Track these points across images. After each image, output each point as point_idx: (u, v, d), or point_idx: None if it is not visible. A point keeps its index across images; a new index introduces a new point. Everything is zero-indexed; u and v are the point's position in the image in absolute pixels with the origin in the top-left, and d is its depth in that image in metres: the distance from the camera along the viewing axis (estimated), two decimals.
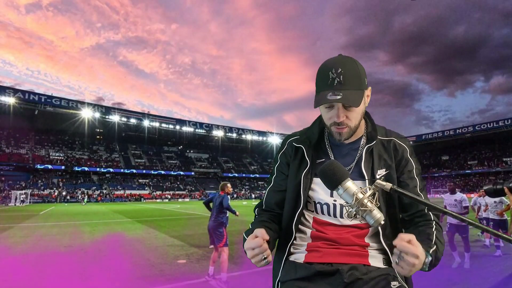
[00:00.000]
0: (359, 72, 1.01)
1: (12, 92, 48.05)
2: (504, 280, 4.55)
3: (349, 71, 0.98)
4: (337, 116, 1.01)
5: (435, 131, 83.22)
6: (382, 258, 1.05)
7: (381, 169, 1.08)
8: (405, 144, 1.13)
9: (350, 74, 0.98)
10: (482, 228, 0.85)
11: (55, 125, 56.85)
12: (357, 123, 1.05)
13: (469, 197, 10.41)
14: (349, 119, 1.03)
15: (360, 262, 1.02)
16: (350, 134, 1.06)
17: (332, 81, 0.98)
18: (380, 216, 0.83)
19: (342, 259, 1.02)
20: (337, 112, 1.01)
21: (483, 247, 7.15)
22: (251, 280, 4.71)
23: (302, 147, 1.15)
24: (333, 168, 0.89)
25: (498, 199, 6.22)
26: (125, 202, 47.18)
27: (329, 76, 0.99)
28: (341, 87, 0.97)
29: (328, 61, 1.02)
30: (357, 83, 0.99)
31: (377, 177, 1.06)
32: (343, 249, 1.04)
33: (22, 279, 4.69)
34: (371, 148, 1.10)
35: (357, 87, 0.99)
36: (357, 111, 1.03)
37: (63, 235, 9.70)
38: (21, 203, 34.20)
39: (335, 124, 1.03)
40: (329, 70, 0.99)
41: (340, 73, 0.97)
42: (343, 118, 1.01)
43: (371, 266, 1.02)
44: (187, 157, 72.57)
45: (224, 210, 4.90)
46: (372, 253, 1.05)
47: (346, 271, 0.98)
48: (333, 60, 1.01)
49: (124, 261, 6.06)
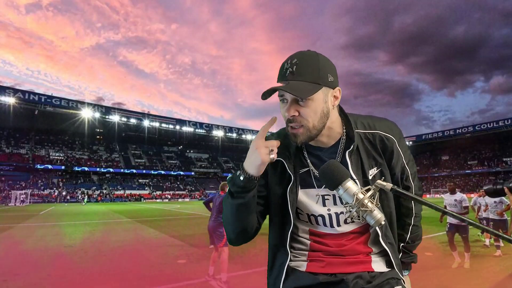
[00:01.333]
0: (319, 65, 0.92)
1: (12, 92, 48.07)
2: (504, 280, 4.55)
3: (305, 62, 0.91)
4: (287, 110, 0.93)
5: (435, 131, 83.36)
6: (384, 261, 1.04)
7: (372, 169, 1.02)
8: (392, 135, 1.05)
9: (306, 65, 0.90)
10: (482, 228, 0.85)
11: (55, 125, 56.86)
12: (315, 124, 0.94)
13: (469, 197, 10.41)
14: (302, 117, 0.92)
15: (364, 269, 1.00)
16: (308, 137, 0.95)
17: (285, 72, 0.91)
18: (380, 217, 0.83)
19: (346, 269, 1.00)
20: (288, 105, 0.93)
21: (483, 247, 7.15)
22: (251, 280, 4.71)
23: (281, 160, 1.03)
24: (333, 168, 0.87)
25: (498, 199, 6.21)
26: (125, 202, 47.17)
27: (283, 67, 0.93)
28: (292, 78, 0.90)
29: (291, 54, 0.95)
30: (313, 75, 0.90)
31: (369, 178, 1.01)
32: (347, 258, 1.01)
33: (22, 279, 4.69)
34: (354, 149, 1.01)
35: (312, 79, 0.90)
36: (313, 108, 0.92)
37: (63, 235, 9.70)
38: (21, 203, 34.19)
39: (289, 122, 0.94)
40: (286, 61, 0.93)
41: (295, 63, 0.91)
42: (294, 113, 0.92)
43: (374, 271, 1.01)
44: (187, 157, 72.57)
45: None
46: (374, 258, 1.04)
47: (351, 281, 0.97)
48: (294, 53, 0.94)
49: (124, 261, 6.06)
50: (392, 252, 1.03)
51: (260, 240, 5.71)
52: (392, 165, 1.06)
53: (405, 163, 1.09)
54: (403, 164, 1.09)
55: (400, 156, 1.07)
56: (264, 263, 5.60)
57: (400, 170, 1.09)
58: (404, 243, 1.16)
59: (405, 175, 1.11)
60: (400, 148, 1.07)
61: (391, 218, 1.08)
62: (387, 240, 1.04)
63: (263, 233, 1.06)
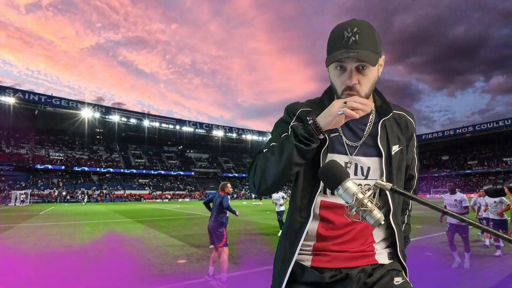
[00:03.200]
0: (375, 36, 0.97)
1: (12, 92, 48.05)
2: (504, 280, 4.55)
3: (366, 31, 0.94)
4: (349, 78, 0.95)
5: (435, 131, 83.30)
6: (387, 253, 1.07)
7: (395, 145, 1.06)
8: (413, 121, 1.14)
9: (367, 35, 0.94)
10: (482, 228, 0.85)
11: (55, 125, 56.87)
12: (368, 92, 0.99)
13: (469, 197, 10.42)
14: (360, 85, 0.97)
15: (368, 263, 1.02)
16: None
17: (347, 40, 0.93)
18: (380, 216, 0.83)
19: (351, 263, 1.01)
20: (350, 74, 0.95)
21: (483, 247, 7.15)
22: (251, 280, 4.71)
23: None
24: (333, 168, 0.88)
25: (498, 199, 6.22)
26: (125, 202, 47.17)
27: (343, 35, 0.94)
28: (357, 47, 0.92)
29: (342, 23, 0.98)
30: (373, 45, 0.95)
31: (392, 154, 1.04)
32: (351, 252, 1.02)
33: (22, 279, 4.69)
34: (385, 122, 1.06)
35: (374, 49, 0.95)
36: (370, 77, 0.98)
37: (63, 235, 9.70)
38: (21, 203, 34.19)
39: (346, 90, 0.97)
40: (345, 30, 0.95)
41: (356, 32, 0.93)
42: (356, 81, 0.95)
43: (377, 264, 1.03)
44: (187, 157, 72.56)
45: (224, 210, 4.90)
46: (378, 250, 1.05)
47: (355, 276, 0.98)
48: (348, 22, 0.97)
49: (124, 261, 6.06)
50: (398, 234, 1.06)
51: (260, 240, 5.73)
52: (408, 150, 1.11)
53: (415, 153, 1.15)
54: (414, 153, 1.15)
55: (415, 144, 1.14)
56: (264, 263, 5.58)
57: (411, 158, 1.14)
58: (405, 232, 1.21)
59: (412, 164, 1.16)
60: (415, 137, 1.15)
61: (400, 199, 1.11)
62: (396, 220, 1.06)
63: (262, 233, 1.06)
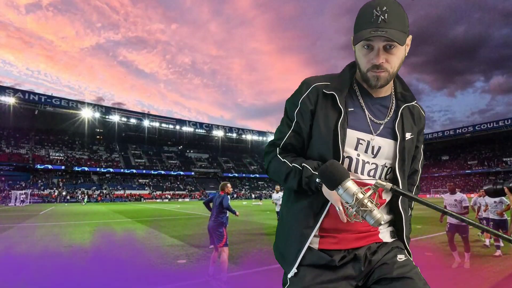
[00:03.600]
0: (404, 15, 0.96)
1: (12, 92, 48.05)
2: (504, 280, 4.55)
3: (395, 10, 0.93)
4: (377, 57, 0.95)
5: (435, 131, 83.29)
6: (389, 232, 1.10)
7: (408, 133, 1.08)
8: (424, 114, 1.17)
9: (396, 14, 0.93)
10: (482, 228, 0.85)
11: (55, 125, 56.85)
12: (395, 71, 0.99)
13: (469, 197, 10.41)
14: (388, 63, 0.96)
15: (372, 241, 1.06)
16: (387, 81, 1.00)
17: (376, 19, 0.92)
18: (380, 216, 0.83)
19: (357, 243, 1.04)
20: (377, 52, 0.95)
21: (483, 247, 7.14)
22: (251, 280, 4.71)
23: (335, 94, 1.04)
24: (333, 168, 0.88)
25: (498, 199, 6.21)
26: (125, 202, 47.15)
27: (373, 14, 0.93)
28: (385, 26, 0.91)
29: (371, 1, 0.97)
30: (402, 24, 0.94)
31: (406, 139, 1.07)
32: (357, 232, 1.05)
33: (22, 279, 4.68)
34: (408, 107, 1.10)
35: (402, 28, 0.94)
36: (398, 56, 0.97)
37: (63, 235, 9.69)
38: (21, 203, 34.17)
39: (373, 68, 0.97)
40: (373, 8, 0.94)
41: (385, 11, 0.92)
42: (383, 60, 0.95)
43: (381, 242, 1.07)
44: (187, 157, 72.55)
45: (224, 210, 4.90)
46: (382, 229, 1.08)
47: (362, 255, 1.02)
48: (377, 0, 0.96)
49: (124, 261, 6.06)
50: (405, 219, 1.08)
51: (260, 240, 5.74)
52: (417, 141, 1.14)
53: (421, 148, 1.17)
54: (421, 148, 1.17)
55: (423, 138, 1.17)
56: (264, 263, 5.56)
57: (418, 152, 1.16)
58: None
59: (418, 157, 1.17)
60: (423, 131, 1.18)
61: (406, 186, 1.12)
62: (403, 206, 1.08)
63: (262, 233, 1.07)
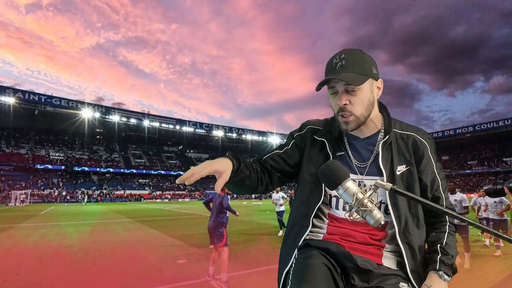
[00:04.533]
0: (364, 59, 1.03)
1: (12, 92, 48.05)
2: (504, 280, 4.55)
3: (352, 56, 1.01)
4: (339, 99, 1.01)
5: (435, 131, 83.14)
6: (396, 260, 1.01)
7: (401, 165, 1.06)
8: (426, 141, 1.10)
9: (354, 59, 1.01)
10: (482, 228, 0.85)
11: (55, 125, 56.84)
12: (363, 112, 1.03)
13: (469, 197, 10.41)
14: (352, 105, 1.01)
15: (373, 260, 1.00)
16: (357, 124, 1.04)
17: (335, 66, 1.01)
18: (380, 216, 0.83)
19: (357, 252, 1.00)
20: (339, 95, 1.02)
21: (483, 247, 7.15)
22: (251, 280, 4.71)
23: (324, 141, 1.14)
24: (333, 168, 0.88)
25: (498, 199, 6.22)
26: (125, 202, 47.17)
27: (333, 62, 1.03)
28: (343, 70, 0.99)
29: (336, 53, 1.06)
30: (360, 68, 1.01)
31: (397, 173, 1.04)
32: (359, 245, 1.02)
33: (22, 279, 4.69)
34: (388, 143, 1.08)
35: (360, 71, 1.00)
36: (362, 98, 1.02)
37: (63, 235, 9.71)
38: (21, 203, 34.19)
39: (340, 111, 1.03)
40: (334, 57, 1.03)
41: (343, 58, 1.01)
42: (346, 101, 1.01)
43: (383, 265, 0.99)
44: (187, 157, 72.58)
45: (224, 210, 4.90)
46: (386, 254, 1.02)
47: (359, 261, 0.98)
48: (339, 51, 1.05)
49: (124, 261, 6.07)
50: (409, 253, 0.98)
51: (260, 240, 5.74)
52: (420, 169, 1.07)
53: (436, 173, 1.08)
54: (434, 173, 1.08)
55: (431, 163, 1.08)
56: (264, 263, 5.57)
57: (431, 179, 1.07)
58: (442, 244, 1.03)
59: (435, 185, 1.07)
60: (432, 156, 1.09)
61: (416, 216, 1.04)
62: (405, 240, 0.99)
63: (263, 233, 1.07)
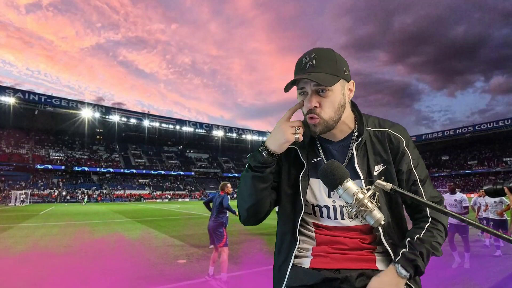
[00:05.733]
0: (336, 59, 0.98)
1: (12, 92, 48.04)
2: (504, 280, 4.55)
3: (323, 56, 0.96)
4: (309, 100, 0.96)
5: (435, 131, 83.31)
6: (389, 261, 1.01)
7: (377, 165, 1.03)
8: (400, 135, 1.06)
9: (325, 59, 0.96)
10: (482, 228, 0.85)
11: (55, 125, 56.86)
12: (332, 115, 0.98)
13: (469, 197, 10.41)
14: (321, 108, 0.96)
15: (368, 267, 0.99)
16: (326, 127, 0.99)
17: (305, 65, 0.96)
18: (380, 216, 0.83)
19: (350, 265, 0.99)
20: (309, 97, 0.97)
21: (483, 247, 7.15)
22: (251, 280, 4.71)
23: (296, 148, 1.09)
24: (333, 168, 0.87)
25: (498, 199, 6.22)
26: (125, 202, 47.15)
27: (302, 61, 0.98)
28: (313, 70, 0.95)
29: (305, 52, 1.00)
30: (332, 68, 0.96)
31: (374, 174, 1.01)
32: (351, 254, 1.00)
33: (22, 279, 4.68)
34: (362, 143, 1.04)
35: (331, 71, 0.95)
36: (332, 100, 0.97)
37: (63, 235, 9.70)
38: (21, 203, 34.19)
39: (308, 113, 0.98)
40: (304, 57, 0.98)
41: (314, 57, 0.96)
42: (315, 104, 0.96)
43: (378, 270, 0.99)
44: (187, 157, 72.56)
45: (224, 210, 4.90)
46: (379, 257, 1.02)
47: (355, 278, 0.96)
48: (309, 50, 1.00)
49: (124, 261, 6.06)
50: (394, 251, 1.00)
51: (260, 240, 5.74)
52: (396, 165, 1.04)
53: (412, 167, 1.04)
54: (410, 167, 1.04)
55: (407, 157, 1.04)
56: (264, 263, 5.57)
57: (407, 174, 1.04)
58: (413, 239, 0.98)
59: (411, 180, 1.04)
60: (408, 150, 1.05)
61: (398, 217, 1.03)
62: (390, 240, 1.00)
63: (262, 233, 1.07)
